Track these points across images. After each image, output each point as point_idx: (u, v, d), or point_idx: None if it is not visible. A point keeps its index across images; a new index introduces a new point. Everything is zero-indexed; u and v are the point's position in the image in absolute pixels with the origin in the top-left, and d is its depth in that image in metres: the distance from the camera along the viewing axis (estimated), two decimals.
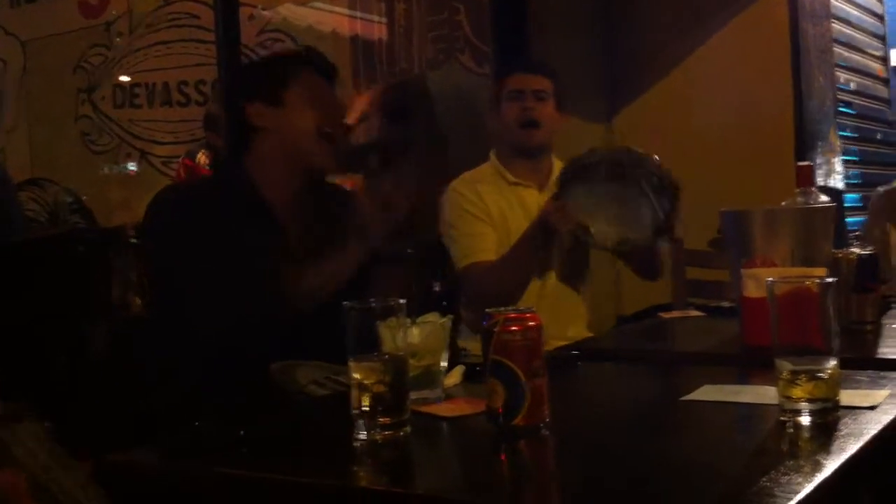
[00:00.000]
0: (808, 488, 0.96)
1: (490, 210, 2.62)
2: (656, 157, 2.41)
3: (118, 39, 5.32)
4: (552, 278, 2.63)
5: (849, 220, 4.27)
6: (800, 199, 2.09)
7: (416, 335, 1.42)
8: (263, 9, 4.75)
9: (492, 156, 2.75)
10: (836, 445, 1.11)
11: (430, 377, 1.45)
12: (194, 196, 2.00)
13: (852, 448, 1.09)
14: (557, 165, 2.68)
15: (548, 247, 2.52)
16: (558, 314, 2.56)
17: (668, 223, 2.41)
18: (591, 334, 2.70)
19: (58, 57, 5.47)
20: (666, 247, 2.67)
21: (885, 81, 5.00)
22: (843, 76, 4.40)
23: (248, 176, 1.93)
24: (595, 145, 2.52)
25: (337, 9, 4.58)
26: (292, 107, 1.94)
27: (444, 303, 2.72)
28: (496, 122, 2.73)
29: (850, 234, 3.88)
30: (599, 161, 2.41)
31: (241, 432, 1.27)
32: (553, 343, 2.18)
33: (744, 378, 1.66)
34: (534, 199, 2.65)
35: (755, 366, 1.61)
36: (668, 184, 2.38)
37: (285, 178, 1.93)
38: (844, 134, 4.36)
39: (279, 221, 1.93)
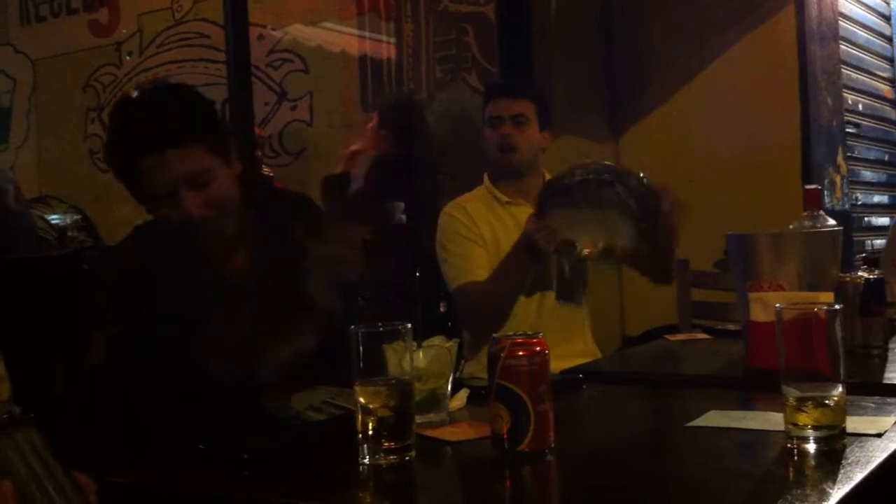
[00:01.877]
0: None
1: (482, 231, 2.66)
2: (639, 172, 2.41)
3: (128, 58, 5.36)
4: (550, 299, 2.64)
5: (855, 241, 4.27)
6: (807, 222, 2.08)
7: (421, 358, 1.42)
8: (273, 28, 4.78)
9: (485, 178, 2.80)
10: (842, 474, 1.10)
11: (434, 400, 1.45)
12: (139, 239, 1.81)
13: (858, 476, 1.09)
14: None
15: (535, 265, 2.52)
16: (560, 331, 2.57)
17: (655, 224, 2.41)
18: (596, 347, 2.71)
19: (67, 75, 5.51)
20: (674, 251, 2.65)
21: (893, 103, 5.00)
22: (850, 98, 4.40)
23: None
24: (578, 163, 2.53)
25: (346, 29, 4.60)
26: (147, 183, 1.65)
27: (449, 323, 2.73)
28: (482, 146, 2.79)
29: (857, 257, 3.88)
30: (579, 181, 2.42)
31: (245, 455, 1.27)
32: (560, 357, 2.17)
33: (749, 402, 1.66)
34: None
35: (761, 389, 1.60)
36: (645, 188, 2.38)
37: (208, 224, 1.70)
38: (852, 155, 4.35)
39: (214, 263, 1.75)
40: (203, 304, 1.63)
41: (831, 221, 2.10)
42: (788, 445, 1.22)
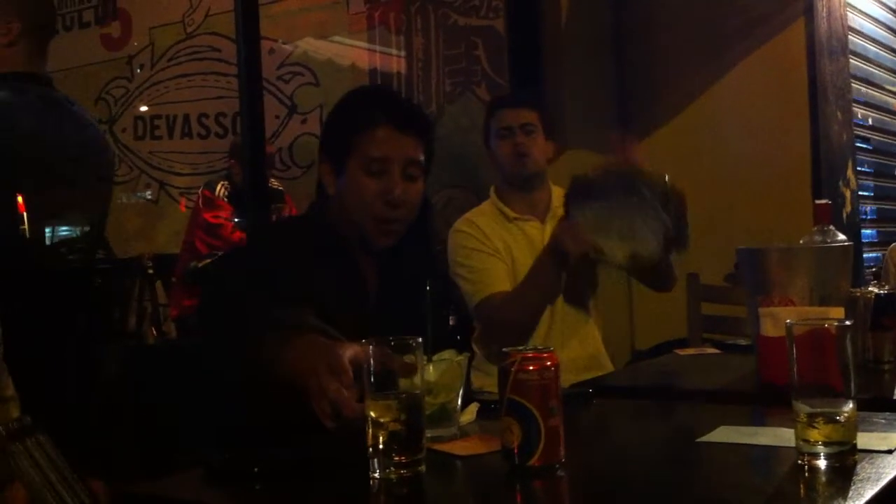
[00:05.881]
0: None
1: (496, 245, 2.64)
2: (661, 173, 2.39)
3: (139, 72, 5.39)
4: (560, 301, 2.63)
5: (865, 255, 4.26)
6: (817, 236, 2.08)
7: (431, 372, 1.42)
8: (284, 42, 4.81)
9: (492, 193, 2.79)
10: (853, 490, 1.10)
11: (445, 414, 1.44)
12: (290, 236, 1.87)
13: (869, 493, 1.08)
14: (557, 194, 2.68)
15: (563, 271, 2.49)
16: (571, 334, 2.57)
17: (677, 233, 2.39)
18: (606, 355, 2.70)
19: (79, 89, 5.53)
20: (676, 257, 2.63)
21: None
22: (860, 112, 4.40)
23: (335, 220, 1.83)
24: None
25: (356, 42, 4.62)
26: (351, 178, 1.77)
27: (458, 337, 2.71)
28: (491, 158, 2.78)
29: (867, 271, 3.87)
30: (602, 177, 2.40)
31: (255, 469, 1.27)
32: (570, 362, 2.14)
33: (760, 417, 1.65)
34: (537, 232, 2.68)
35: (771, 405, 1.60)
36: (670, 193, 2.36)
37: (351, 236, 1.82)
38: (861, 169, 4.35)
39: (361, 270, 1.83)
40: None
41: (842, 236, 2.10)
42: (799, 461, 1.21)
